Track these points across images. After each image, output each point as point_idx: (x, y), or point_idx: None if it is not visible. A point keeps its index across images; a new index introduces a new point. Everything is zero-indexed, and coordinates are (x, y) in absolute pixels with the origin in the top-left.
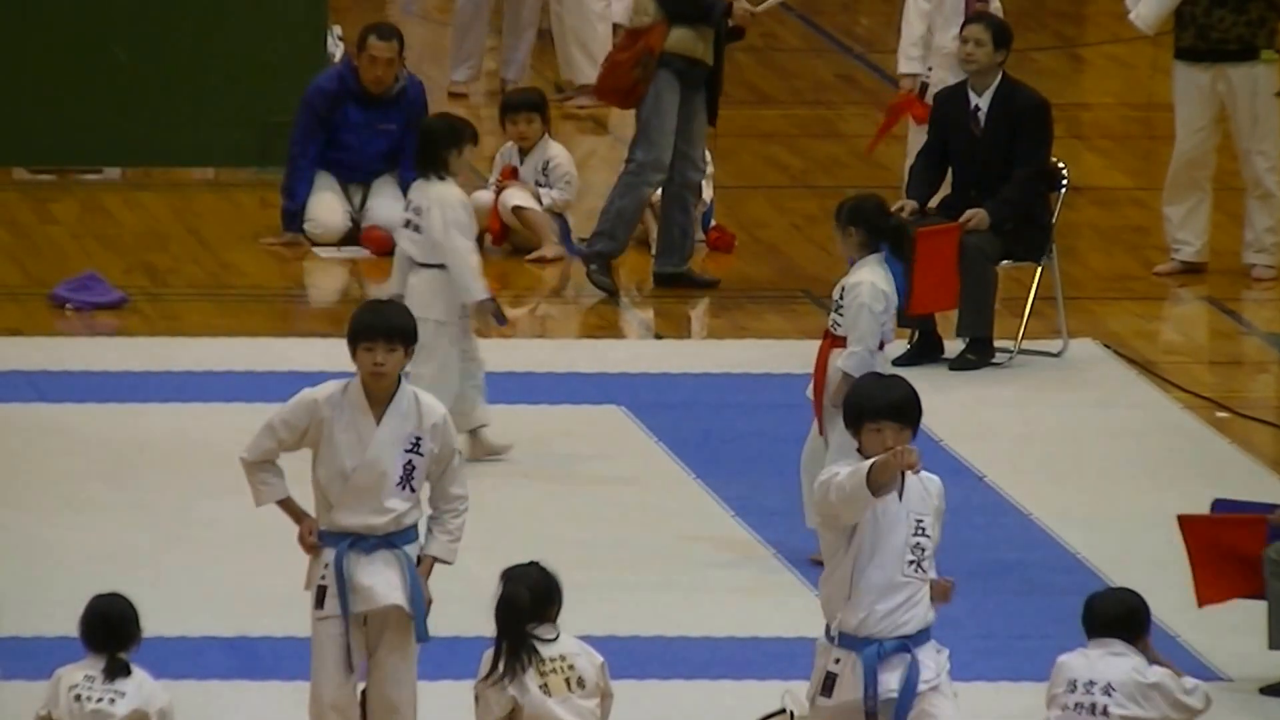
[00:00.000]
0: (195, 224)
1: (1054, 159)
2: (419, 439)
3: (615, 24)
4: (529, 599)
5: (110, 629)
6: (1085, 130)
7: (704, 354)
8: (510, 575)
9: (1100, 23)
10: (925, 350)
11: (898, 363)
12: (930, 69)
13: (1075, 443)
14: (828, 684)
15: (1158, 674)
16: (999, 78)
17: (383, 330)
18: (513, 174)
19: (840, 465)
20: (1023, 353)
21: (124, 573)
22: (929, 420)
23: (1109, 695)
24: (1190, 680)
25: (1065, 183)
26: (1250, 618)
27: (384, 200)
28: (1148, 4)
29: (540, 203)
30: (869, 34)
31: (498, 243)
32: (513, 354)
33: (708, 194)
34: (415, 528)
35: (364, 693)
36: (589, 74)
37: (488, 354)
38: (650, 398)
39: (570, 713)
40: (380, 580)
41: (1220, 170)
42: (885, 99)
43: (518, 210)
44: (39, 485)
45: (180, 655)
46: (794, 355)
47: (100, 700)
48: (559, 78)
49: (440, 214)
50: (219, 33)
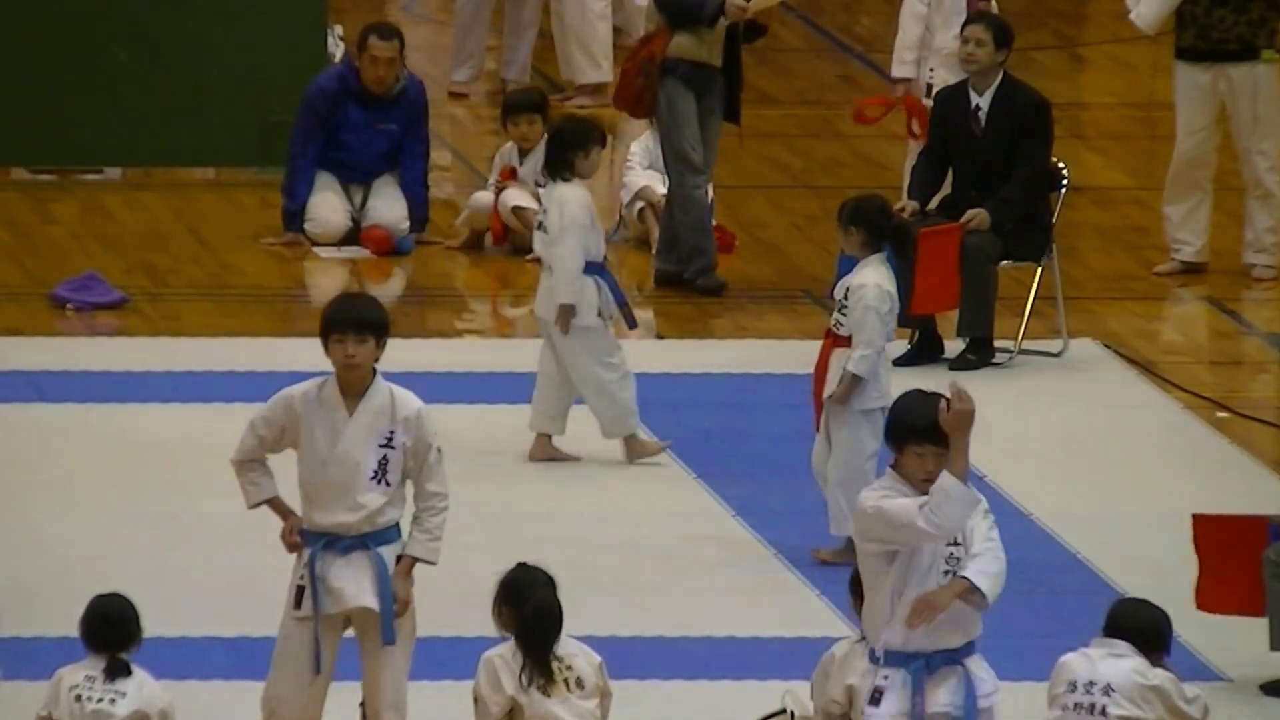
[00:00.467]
0: (196, 224)
1: (1054, 159)
2: (392, 432)
3: (616, 27)
4: (560, 608)
5: (110, 629)
6: (1085, 130)
7: (704, 354)
8: (530, 580)
9: (1100, 22)
10: (925, 350)
11: (898, 363)
12: (932, 70)
13: (1075, 443)
14: (875, 696)
15: (1160, 677)
16: (1000, 77)
17: (353, 322)
18: (512, 175)
19: (880, 491)
20: (1023, 353)
21: (124, 573)
22: None
23: (1108, 696)
24: (1192, 689)
25: (1065, 182)
26: (1250, 618)
27: (384, 200)
28: (1148, 3)
29: (540, 203)
30: (870, 34)
31: (498, 243)
32: (513, 354)
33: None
34: (395, 528)
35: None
36: (589, 74)
37: (488, 354)
38: (650, 398)
39: (570, 713)
40: (351, 582)
41: (1220, 170)
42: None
43: (518, 210)
44: (39, 485)
45: (181, 655)
46: (795, 355)
47: (101, 701)
48: (559, 78)
49: (559, 214)
50: (219, 33)
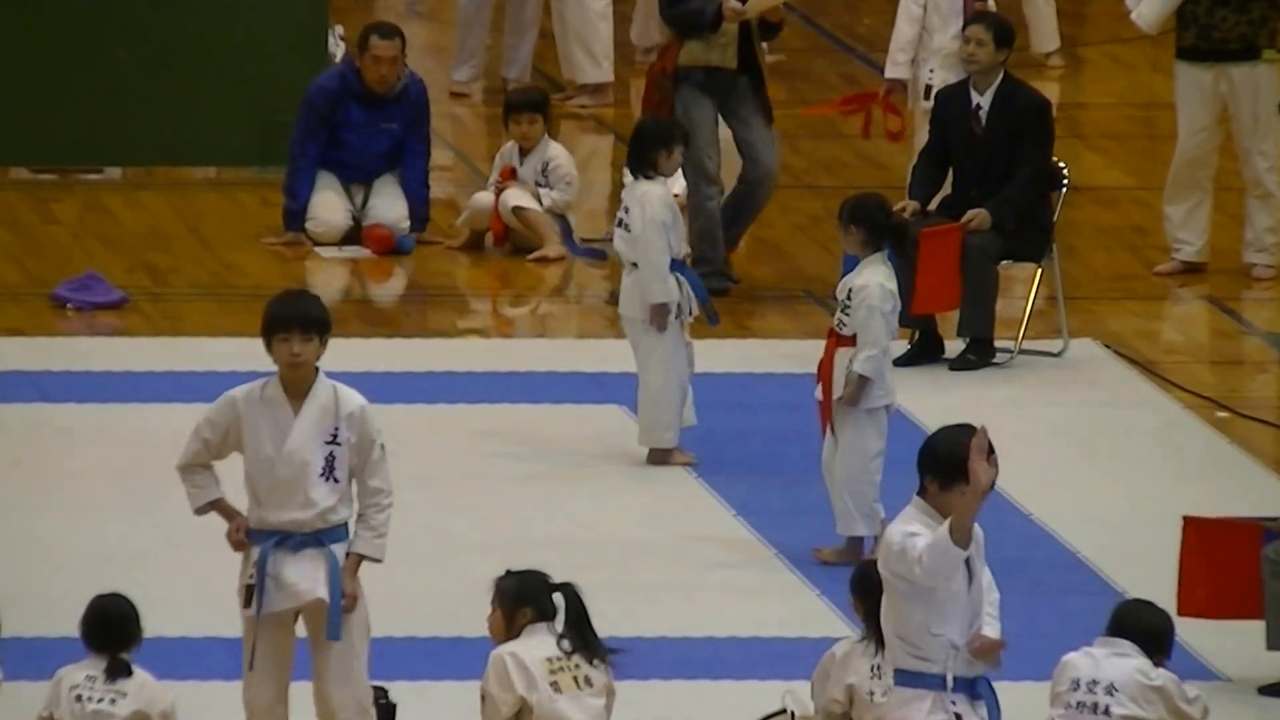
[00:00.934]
0: (196, 224)
1: (1055, 159)
2: (337, 429)
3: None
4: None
5: (111, 629)
6: (1085, 130)
7: (705, 354)
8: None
9: (1100, 22)
10: (926, 350)
11: (898, 362)
12: (932, 71)
13: (1075, 443)
14: None
15: (1163, 677)
16: (1000, 77)
17: (298, 320)
18: (512, 174)
19: (905, 528)
20: (1023, 353)
21: (124, 573)
22: (928, 421)
23: (1111, 695)
24: (1192, 689)
25: (1066, 182)
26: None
27: (385, 199)
28: (1150, 3)
29: (540, 203)
30: (871, 34)
31: (498, 243)
32: (513, 354)
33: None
34: (345, 526)
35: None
36: (590, 74)
37: (489, 354)
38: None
39: (580, 710)
40: (305, 577)
41: (1220, 170)
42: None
43: (518, 210)
44: (39, 485)
45: (181, 655)
46: (796, 355)
47: (101, 701)
48: (560, 77)
49: (641, 212)
50: (220, 32)
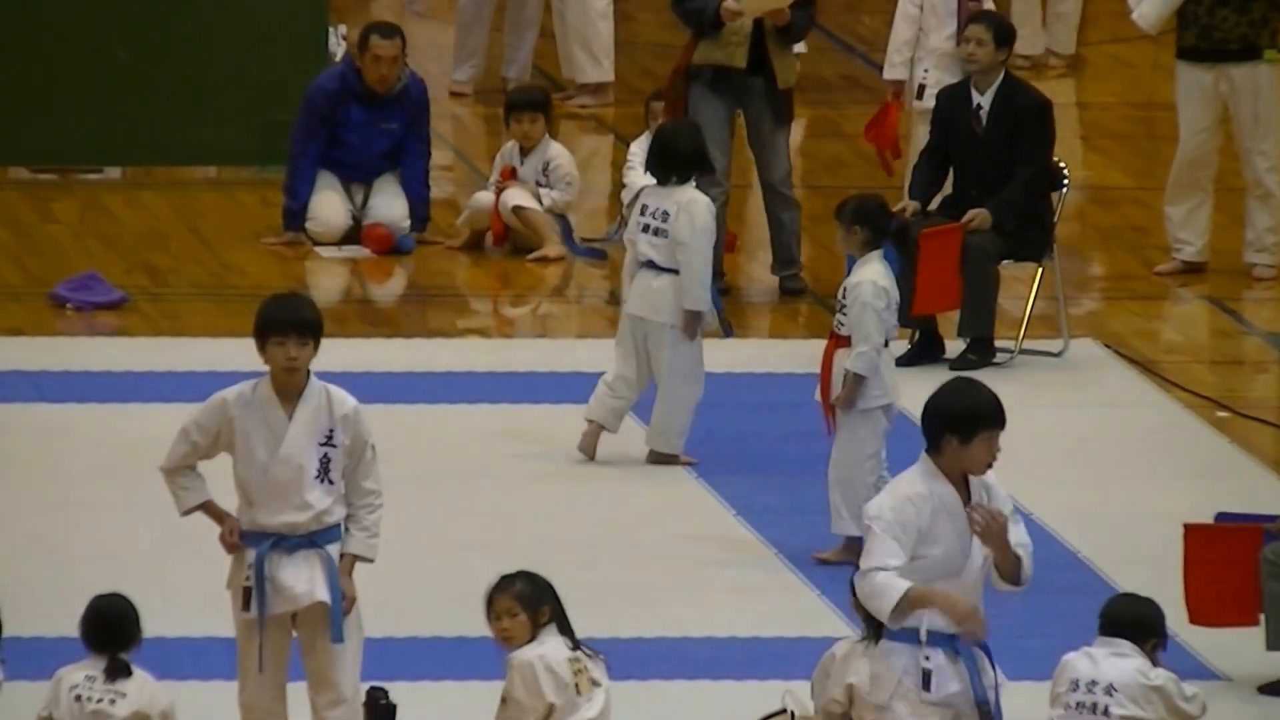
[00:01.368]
0: (196, 223)
1: (1055, 159)
2: (331, 431)
3: None
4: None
5: (111, 629)
6: (1086, 130)
7: (705, 354)
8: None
9: (1100, 22)
10: (926, 350)
11: (899, 362)
12: (926, 71)
13: (1075, 442)
14: (926, 680)
15: (1162, 677)
16: (1001, 76)
17: (294, 324)
18: (512, 174)
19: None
20: (1023, 353)
21: (124, 573)
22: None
23: (1111, 695)
24: (1190, 687)
25: (1066, 182)
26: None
27: (385, 199)
28: (1150, 3)
29: (540, 202)
30: (872, 33)
31: (498, 243)
32: (513, 354)
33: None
34: (339, 527)
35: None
36: (591, 73)
37: (489, 354)
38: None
39: (595, 710)
40: (302, 579)
41: (1221, 170)
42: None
43: (518, 210)
44: (39, 485)
45: (181, 655)
46: (796, 355)
47: (101, 701)
48: (561, 76)
49: (690, 220)
50: (220, 32)
